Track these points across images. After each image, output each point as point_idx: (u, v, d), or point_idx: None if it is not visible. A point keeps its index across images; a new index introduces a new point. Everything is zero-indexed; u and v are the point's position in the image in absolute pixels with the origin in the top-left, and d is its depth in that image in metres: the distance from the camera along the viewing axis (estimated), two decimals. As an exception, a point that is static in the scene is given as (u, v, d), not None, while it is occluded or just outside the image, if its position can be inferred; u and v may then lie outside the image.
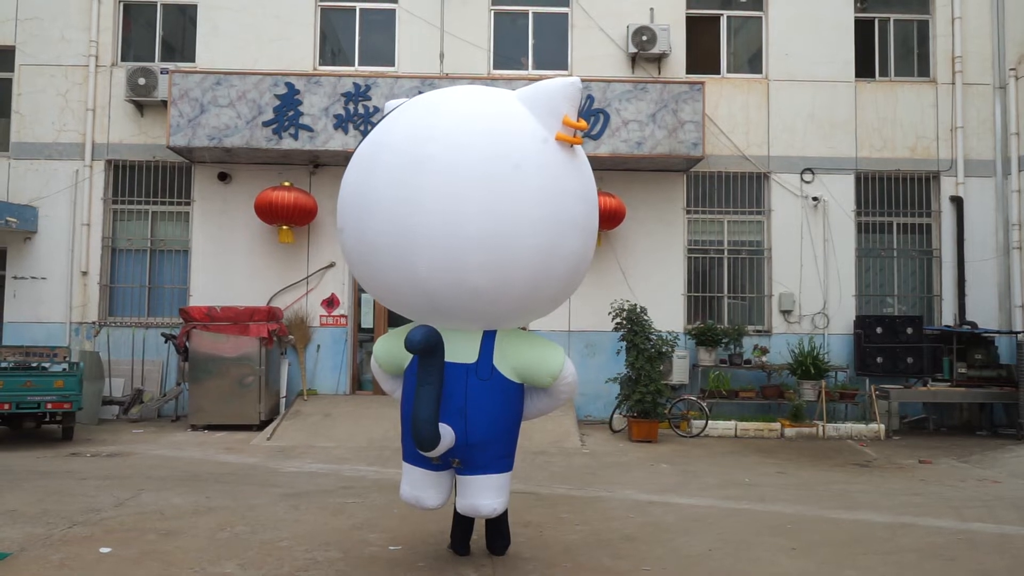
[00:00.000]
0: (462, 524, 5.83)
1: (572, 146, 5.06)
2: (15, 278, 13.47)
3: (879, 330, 13.13)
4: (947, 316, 13.82)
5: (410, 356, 5.27)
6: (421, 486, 5.36)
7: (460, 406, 5.09)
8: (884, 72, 14.36)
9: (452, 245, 4.72)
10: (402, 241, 4.81)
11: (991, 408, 13.18)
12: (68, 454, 9.99)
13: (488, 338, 5.26)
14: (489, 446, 5.19)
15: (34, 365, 10.86)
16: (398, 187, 4.84)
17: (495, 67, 13.93)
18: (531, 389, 5.48)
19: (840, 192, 13.84)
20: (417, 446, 4.94)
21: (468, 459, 5.18)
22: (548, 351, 5.34)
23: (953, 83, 14.01)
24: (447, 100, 5.19)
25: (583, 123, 5.10)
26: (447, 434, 4.98)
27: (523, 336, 5.53)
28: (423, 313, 5.17)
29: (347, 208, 5.31)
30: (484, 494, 5.24)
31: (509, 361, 5.24)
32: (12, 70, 13.70)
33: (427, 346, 4.78)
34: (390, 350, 5.61)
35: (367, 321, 13.96)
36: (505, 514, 5.71)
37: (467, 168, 4.74)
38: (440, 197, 4.72)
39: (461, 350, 5.17)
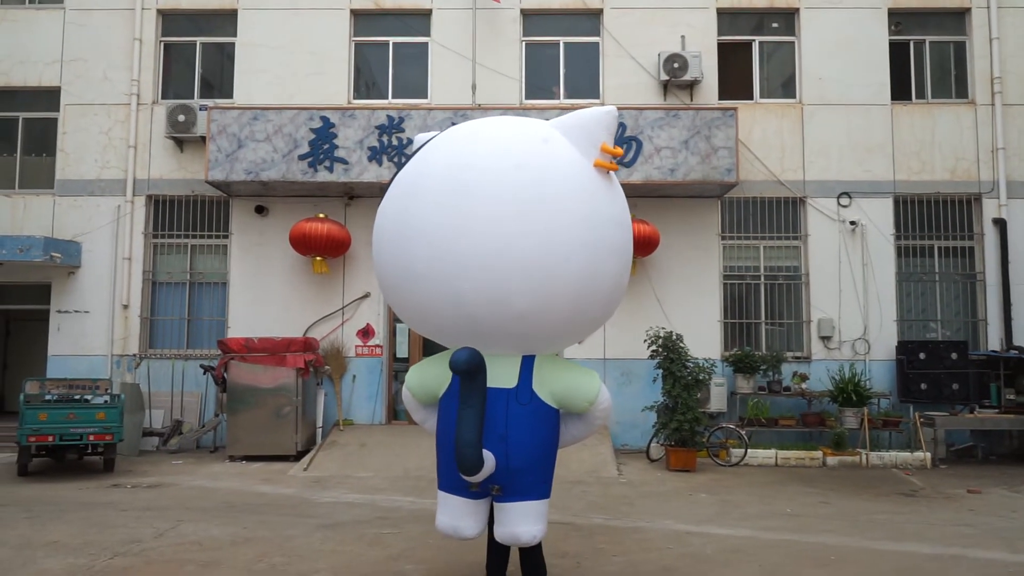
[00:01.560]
0: (498, 554, 5.74)
1: (608, 172, 5.20)
2: (59, 312, 13.76)
3: (922, 356, 12.85)
4: (993, 341, 13.49)
5: (444, 385, 5.31)
6: (459, 515, 5.26)
7: (501, 432, 5.05)
8: (921, 94, 14.20)
9: (497, 268, 4.78)
10: (447, 266, 4.87)
11: (1042, 435, 12.80)
12: (109, 485, 10.10)
13: (527, 363, 5.26)
14: (529, 472, 5.14)
15: (77, 397, 11.08)
16: (442, 213, 4.90)
17: (527, 97, 14.03)
18: (566, 415, 5.43)
19: (878, 216, 13.65)
20: (461, 471, 4.87)
21: (508, 485, 5.10)
22: (585, 376, 5.34)
23: (992, 104, 13.80)
24: (486, 128, 5.31)
25: (619, 150, 5.24)
26: (489, 459, 4.94)
27: (560, 362, 5.54)
28: (464, 338, 5.13)
29: (386, 235, 5.34)
30: (524, 521, 5.15)
31: (548, 386, 5.22)
32: (58, 110, 14.11)
33: (472, 366, 4.78)
34: (424, 379, 5.60)
35: (402, 351, 13.99)
36: (540, 544, 5.62)
37: (510, 193, 4.83)
38: (485, 221, 4.79)
39: (501, 375, 5.15)
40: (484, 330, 5.03)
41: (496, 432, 5.03)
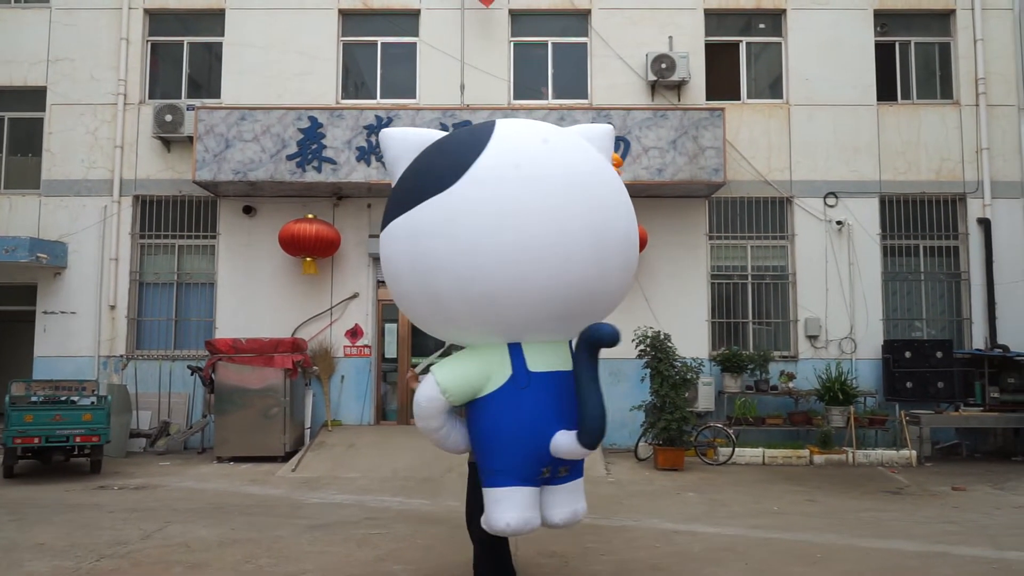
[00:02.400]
0: (505, 548, 5.69)
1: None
2: (45, 313, 13.68)
3: (908, 354, 12.94)
4: (977, 339, 13.60)
5: (493, 378, 5.02)
6: (530, 506, 5.02)
7: (573, 412, 4.99)
8: (906, 95, 14.30)
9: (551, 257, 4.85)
10: (553, 252, 4.75)
11: (1026, 433, 12.92)
12: (96, 487, 10.06)
13: (569, 346, 5.34)
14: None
15: (63, 399, 11.02)
16: (537, 200, 4.78)
17: (515, 97, 14.04)
18: None
19: (864, 216, 13.74)
20: (592, 444, 4.86)
21: (573, 464, 5.17)
22: None
23: (977, 104, 13.92)
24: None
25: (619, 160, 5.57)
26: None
27: None
28: (537, 325, 5.03)
29: (476, 219, 4.75)
30: (581, 497, 5.29)
31: None
32: (43, 110, 14.03)
33: (618, 338, 4.98)
34: (467, 376, 5.06)
35: (391, 351, 13.99)
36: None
37: (576, 185, 4.93)
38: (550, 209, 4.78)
39: (561, 359, 5.16)
40: (563, 313, 5.00)
41: (573, 413, 4.98)
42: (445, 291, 4.86)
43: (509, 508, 4.94)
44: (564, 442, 4.93)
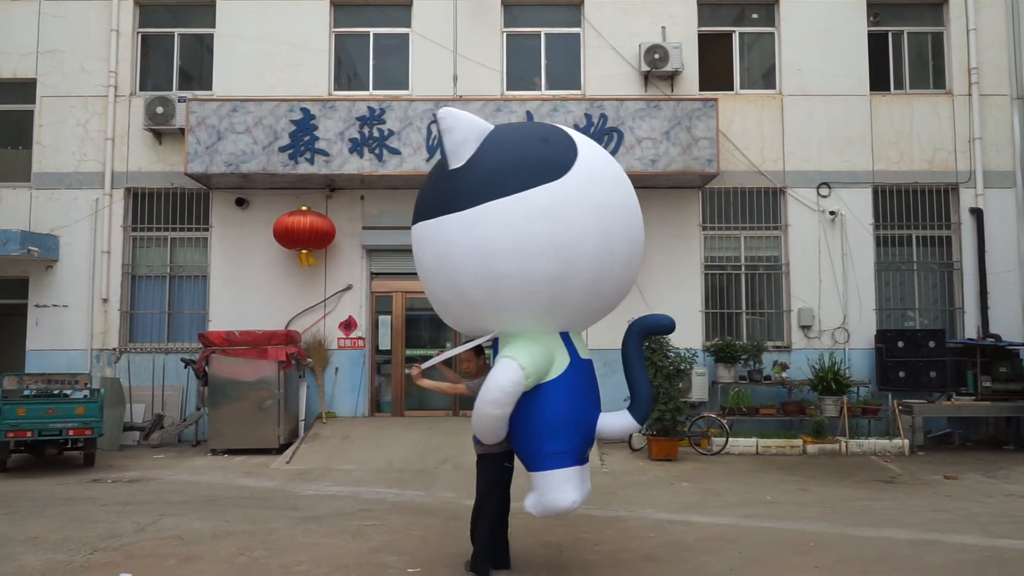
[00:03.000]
0: (505, 545, 6.06)
1: None
2: (37, 306, 13.63)
3: (901, 344, 12.98)
4: (970, 329, 13.65)
5: (555, 364, 5.44)
6: (586, 481, 5.62)
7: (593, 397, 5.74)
8: (899, 85, 14.30)
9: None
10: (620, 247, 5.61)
11: (1018, 422, 12.99)
12: (89, 480, 10.04)
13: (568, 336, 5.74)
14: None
15: (56, 392, 10.97)
16: (617, 198, 5.79)
17: (508, 88, 14.01)
18: None
19: (857, 206, 13.76)
20: (644, 421, 5.71)
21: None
22: None
23: (970, 94, 13.93)
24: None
25: None
26: None
27: None
28: (586, 315, 5.72)
29: (581, 209, 5.33)
30: (588, 477, 5.73)
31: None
32: (34, 102, 13.94)
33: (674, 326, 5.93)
34: (542, 361, 5.35)
35: (384, 343, 13.97)
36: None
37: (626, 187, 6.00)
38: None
39: (585, 348, 5.81)
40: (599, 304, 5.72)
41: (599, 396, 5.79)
42: (547, 275, 5.19)
43: (573, 487, 5.35)
44: (616, 421, 5.60)
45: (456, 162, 5.35)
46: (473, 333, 5.87)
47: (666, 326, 5.72)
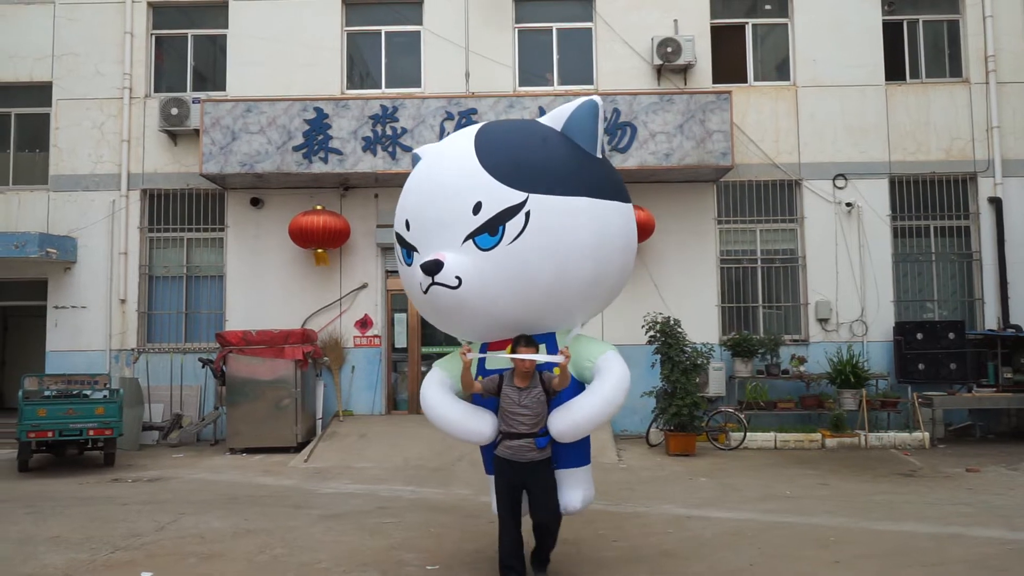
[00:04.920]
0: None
1: None
2: (56, 308, 13.75)
3: (920, 336, 12.87)
4: (990, 320, 13.52)
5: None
6: None
7: None
8: (915, 74, 14.16)
9: None
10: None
11: (1040, 413, 12.86)
12: (110, 480, 10.12)
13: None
14: None
15: (75, 393, 11.06)
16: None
17: (520, 84, 13.98)
18: None
19: (874, 197, 13.64)
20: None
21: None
22: None
23: (987, 82, 13.77)
24: None
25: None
26: None
27: None
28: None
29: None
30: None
31: None
32: (50, 105, 14.05)
33: None
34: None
35: (400, 341, 14.00)
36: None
37: None
38: None
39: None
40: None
41: None
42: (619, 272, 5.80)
43: None
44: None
45: (600, 153, 5.62)
46: (522, 329, 5.44)
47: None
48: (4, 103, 14.39)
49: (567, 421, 5.31)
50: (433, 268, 5.12)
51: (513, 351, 5.33)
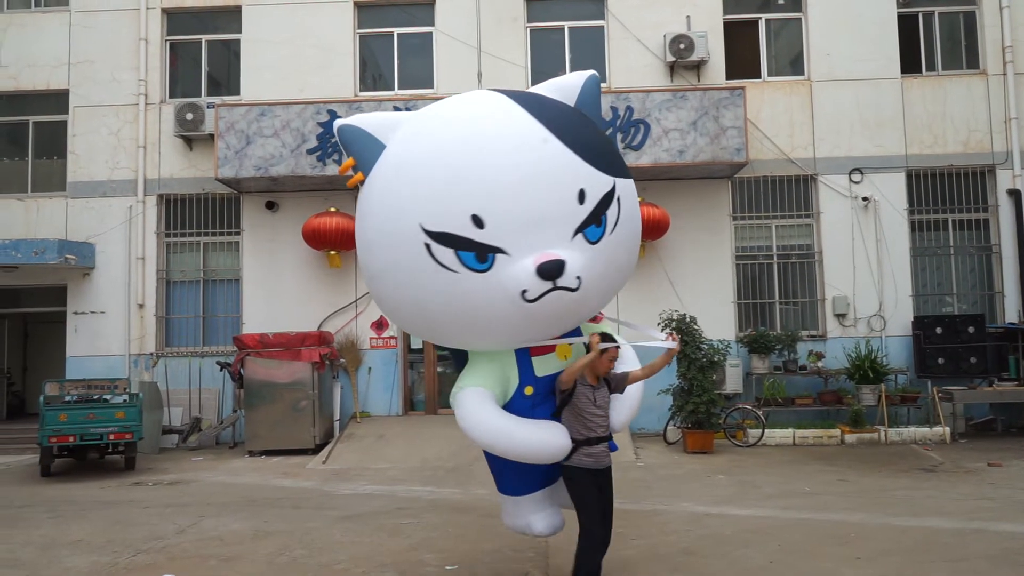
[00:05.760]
0: None
1: (360, 187, 5.07)
2: (76, 313, 13.87)
3: (939, 330, 12.75)
4: (1011, 313, 13.37)
5: None
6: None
7: None
8: (931, 66, 14.04)
9: None
10: None
11: (1062, 406, 12.71)
12: (131, 483, 10.20)
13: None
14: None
15: (96, 398, 11.17)
16: None
17: (533, 83, 13.92)
18: None
19: (891, 191, 13.53)
20: None
21: None
22: (458, 380, 5.08)
23: (1004, 73, 13.63)
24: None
25: (347, 164, 4.99)
26: None
27: (470, 357, 5.20)
28: None
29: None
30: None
31: None
32: (67, 112, 14.18)
33: None
34: None
35: (417, 342, 14.01)
36: (577, 553, 5.12)
37: None
38: None
39: None
40: None
41: None
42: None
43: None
44: None
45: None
46: (575, 324, 5.11)
47: None
48: (22, 111, 14.53)
49: (627, 414, 5.22)
50: (557, 271, 4.35)
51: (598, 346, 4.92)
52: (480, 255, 4.38)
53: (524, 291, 4.38)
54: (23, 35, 14.34)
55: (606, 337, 4.97)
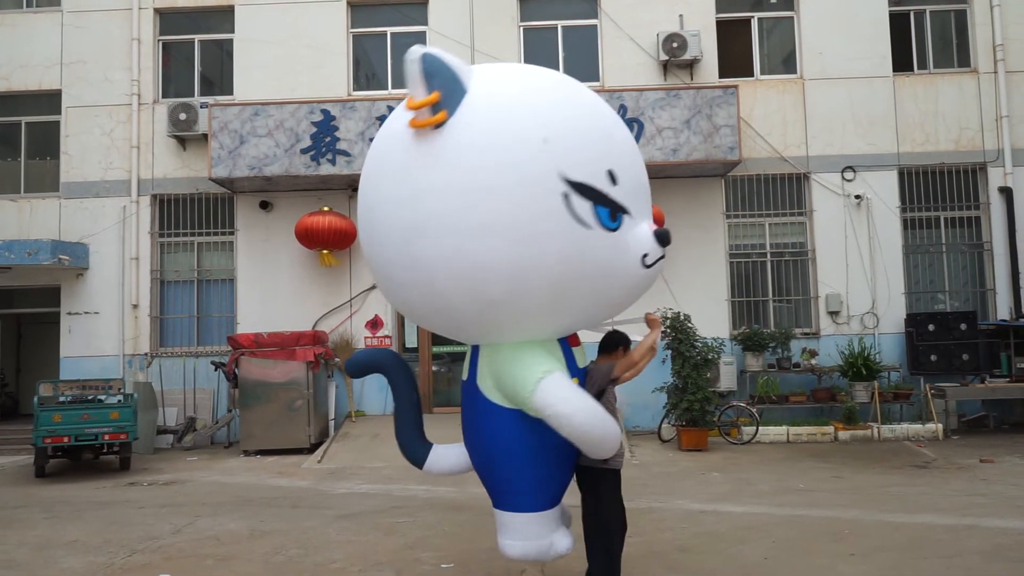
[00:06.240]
0: None
1: (430, 130, 4.09)
2: (69, 314, 13.84)
3: (931, 327, 12.82)
4: (1002, 310, 13.45)
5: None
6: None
7: (464, 426, 4.89)
8: (923, 65, 14.11)
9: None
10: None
11: (1054, 403, 12.79)
12: (126, 484, 10.19)
13: (475, 353, 4.66)
14: (488, 477, 4.69)
15: (90, 398, 11.16)
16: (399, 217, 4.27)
17: (527, 82, 13.96)
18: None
19: (883, 189, 13.59)
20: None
21: (487, 488, 4.79)
22: (518, 366, 4.35)
23: (995, 72, 13.70)
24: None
25: (424, 100, 4.01)
26: (441, 458, 5.04)
27: (505, 348, 4.51)
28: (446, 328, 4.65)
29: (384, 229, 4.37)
30: (501, 531, 4.72)
31: (490, 379, 4.53)
32: (59, 113, 14.15)
33: (359, 370, 5.14)
34: None
35: (411, 341, 14.04)
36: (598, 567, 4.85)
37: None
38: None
39: (465, 367, 4.81)
40: (460, 321, 4.47)
41: (464, 427, 4.90)
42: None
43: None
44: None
45: None
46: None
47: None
48: (14, 112, 14.49)
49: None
50: (669, 238, 4.40)
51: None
52: (613, 213, 4.18)
53: (645, 255, 4.29)
54: (15, 35, 14.30)
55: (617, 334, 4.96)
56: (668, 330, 11.63)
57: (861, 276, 13.48)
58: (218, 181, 13.19)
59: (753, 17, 14.20)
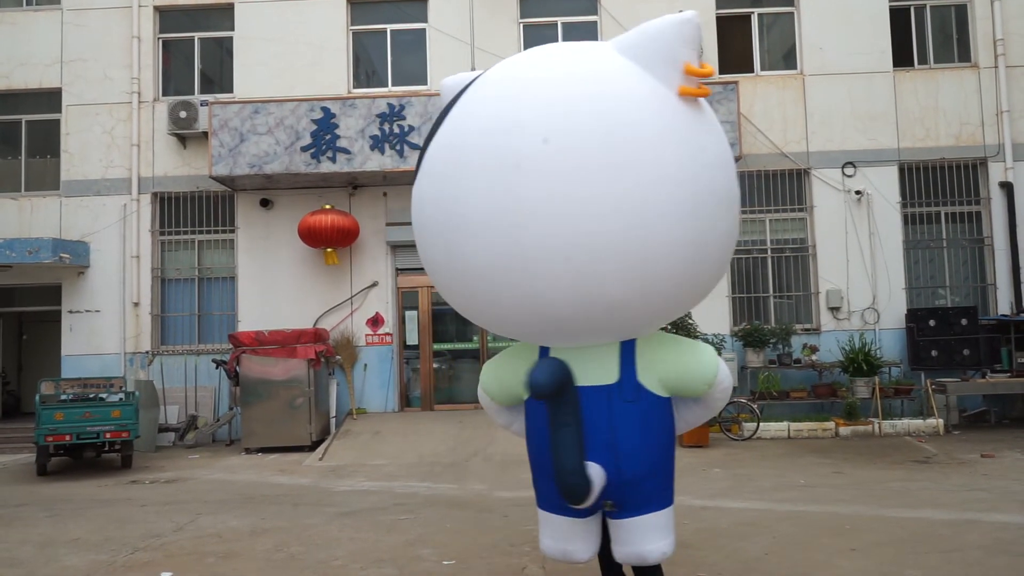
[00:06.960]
0: (612, 570, 4.63)
1: (698, 100, 4.04)
2: (70, 312, 13.86)
3: (932, 323, 12.82)
4: (1003, 305, 13.45)
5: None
6: (568, 538, 4.21)
7: (607, 439, 4.02)
8: (923, 60, 14.09)
9: (576, 256, 3.62)
10: (511, 261, 3.71)
11: (1055, 398, 12.79)
12: (128, 482, 10.20)
13: (628, 350, 4.16)
14: (648, 479, 4.14)
15: (92, 396, 11.18)
16: (494, 197, 3.69)
17: (527, 79, 13.94)
18: (680, 400, 4.32)
19: (884, 184, 13.59)
20: (567, 500, 3.92)
21: (624, 499, 4.08)
22: (699, 355, 4.25)
23: (996, 66, 13.68)
24: (534, 71, 3.98)
25: (708, 68, 3.96)
26: (597, 476, 3.92)
27: (667, 339, 4.38)
28: (547, 336, 4.15)
29: (429, 227, 4.04)
30: (649, 537, 4.12)
31: (656, 373, 4.14)
32: (60, 111, 14.15)
33: (556, 388, 3.79)
34: (502, 379, 4.43)
35: (412, 338, 14.05)
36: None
37: (577, 159, 3.61)
38: (546, 203, 3.61)
39: (597, 370, 4.10)
40: (570, 328, 3.96)
41: (601, 440, 4.00)
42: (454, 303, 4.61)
43: (545, 533, 4.37)
44: None
45: None
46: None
47: (531, 389, 3.74)
48: (15, 110, 14.49)
49: None
50: None
51: None
52: None
53: None
54: (15, 33, 14.30)
55: None
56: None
57: (862, 272, 13.48)
58: (218, 179, 13.19)
59: (753, 13, 14.19)
